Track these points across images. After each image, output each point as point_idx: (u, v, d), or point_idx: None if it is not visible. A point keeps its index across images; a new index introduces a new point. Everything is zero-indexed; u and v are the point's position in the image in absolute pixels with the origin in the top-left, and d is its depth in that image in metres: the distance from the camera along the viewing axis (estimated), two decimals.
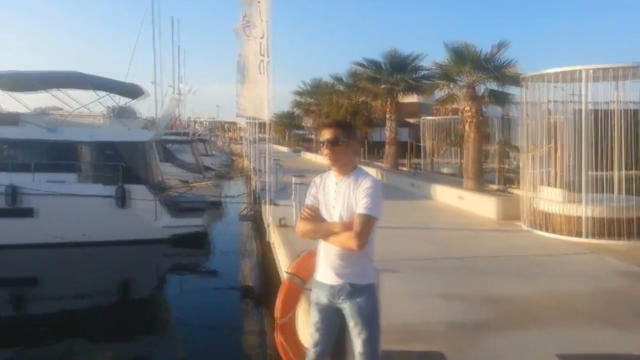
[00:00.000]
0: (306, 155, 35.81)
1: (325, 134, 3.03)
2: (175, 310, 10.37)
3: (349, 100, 25.42)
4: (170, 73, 39.13)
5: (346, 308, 2.97)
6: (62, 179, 13.85)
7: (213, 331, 8.62)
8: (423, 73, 19.97)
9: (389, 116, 20.85)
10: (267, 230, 10.41)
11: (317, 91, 35.22)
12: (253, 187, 19.28)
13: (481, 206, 11.40)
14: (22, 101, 16.03)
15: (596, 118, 9.14)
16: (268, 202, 11.75)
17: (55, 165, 14.06)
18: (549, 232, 9.11)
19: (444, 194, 13.49)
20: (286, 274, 3.68)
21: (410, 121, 31.69)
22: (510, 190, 12.84)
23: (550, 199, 9.34)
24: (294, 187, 9.82)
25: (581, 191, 8.94)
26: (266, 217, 11.26)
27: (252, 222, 15.66)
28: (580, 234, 8.78)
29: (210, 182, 20.12)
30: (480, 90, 13.99)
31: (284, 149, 45.50)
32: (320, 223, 3.02)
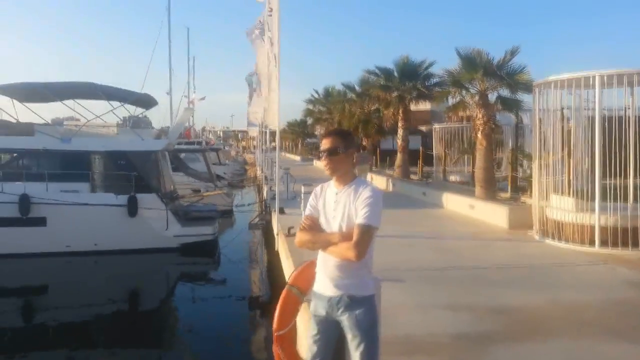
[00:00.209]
0: (318, 164, 35.84)
1: (323, 144, 3.03)
2: (183, 319, 10.40)
3: (361, 109, 25.38)
4: (184, 83, 39.59)
5: (344, 320, 2.91)
6: (75, 189, 14.00)
7: (221, 341, 8.59)
8: (435, 80, 19.78)
9: (400, 124, 20.77)
10: (276, 239, 10.41)
11: (328, 100, 35.24)
12: (264, 196, 19.30)
13: (492, 215, 11.27)
14: (37, 112, 16.33)
15: (610, 124, 8.99)
16: (276, 211, 11.76)
17: (69, 174, 14.21)
18: (561, 241, 8.96)
19: (454, 203, 13.38)
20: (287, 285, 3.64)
21: (422, 129, 31.54)
22: (522, 198, 12.68)
23: (562, 208, 9.19)
24: (303, 196, 9.82)
25: (594, 199, 8.79)
26: (274, 225, 11.26)
27: (262, 231, 15.65)
28: (592, 244, 8.62)
29: (221, 191, 20.22)
30: (492, 97, 13.86)
31: (296, 158, 45.62)
32: (319, 233, 3.00)
